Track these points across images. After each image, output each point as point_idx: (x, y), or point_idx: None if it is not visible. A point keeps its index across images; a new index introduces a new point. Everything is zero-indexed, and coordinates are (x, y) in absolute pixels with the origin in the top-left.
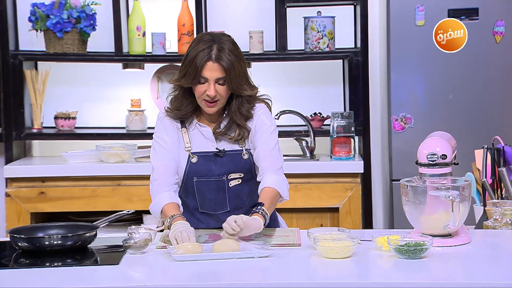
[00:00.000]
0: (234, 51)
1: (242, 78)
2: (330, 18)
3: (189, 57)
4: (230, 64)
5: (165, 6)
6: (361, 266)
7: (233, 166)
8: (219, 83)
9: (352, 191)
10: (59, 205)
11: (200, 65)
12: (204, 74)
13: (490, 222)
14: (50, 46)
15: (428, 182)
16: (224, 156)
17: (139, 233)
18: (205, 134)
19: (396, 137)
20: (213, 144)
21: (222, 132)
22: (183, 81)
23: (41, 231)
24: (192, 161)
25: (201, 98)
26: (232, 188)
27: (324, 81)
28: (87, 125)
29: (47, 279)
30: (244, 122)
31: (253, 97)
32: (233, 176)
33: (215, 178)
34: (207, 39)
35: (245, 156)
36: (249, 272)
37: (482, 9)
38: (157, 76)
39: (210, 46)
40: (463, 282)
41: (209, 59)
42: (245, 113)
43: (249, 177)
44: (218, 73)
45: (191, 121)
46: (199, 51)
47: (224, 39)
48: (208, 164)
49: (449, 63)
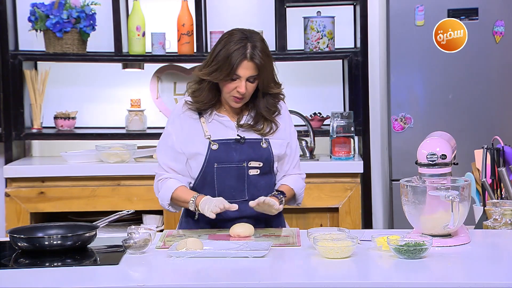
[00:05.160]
0: (265, 49)
1: (271, 76)
2: (330, 18)
3: (221, 54)
4: (263, 62)
5: (165, 6)
6: (361, 266)
7: (253, 153)
8: (249, 81)
9: (352, 191)
10: (58, 205)
11: (235, 63)
12: (239, 72)
13: (489, 222)
14: (49, 46)
15: (427, 182)
16: (244, 143)
17: (139, 233)
18: (225, 123)
19: (396, 137)
20: (234, 132)
21: (249, 125)
22: (213, 76)
23: (41, 231)
24: (213, 148)
25: (230, 93)
26: (251, 176)
27: (324, 81)
28: (87, 125)
29: (47, 279)
30: (272, 116)
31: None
32: (253, 165)
33: (235, 164)
34: (239, 37)
35: (264, 145)
36: (248, 272)
37: (481, 9)
38: (157, 76)
39: (244, 45)
40: (463, 282)
41: (245, 58)
42: (272, 108)
43: (267, 169)
44: (252, 71)
45: (210, 112)
46: (234, 49)
47: (256, 38)
48: (228, 150)
49: (449, 63)
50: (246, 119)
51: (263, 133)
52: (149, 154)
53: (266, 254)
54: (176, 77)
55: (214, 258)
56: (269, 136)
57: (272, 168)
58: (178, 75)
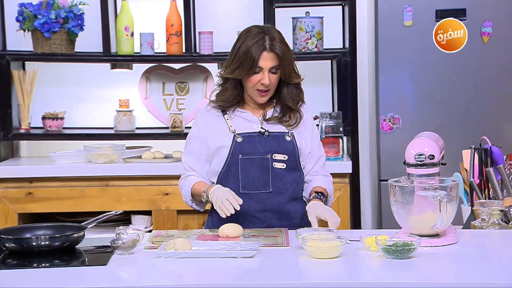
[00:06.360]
0: (284, 40)
1: (292, 66)
2: (319, 19)
3: (241, 50)
4: (282, 52)
5: (153, 6)
6: (349, 266)
7: (277, 146)
8: (272, 72)
9: (341, 191)
10: (47, 205)
11: (256, 55)
12: (260, 64)
13: (477, 222)
14: (37, 46)
15: (416, 182)
16: (268, 136)
17: (127, 233)
18: (248, 118)
19: (384, 137)
20: (257, 125)
21: (276, 117)
22: (237, 73)
23: (29, 232)
24: (238, 141)
25: (254, 87)
26: (276, 169)
27: (313, 82)
28: (75, 126)
29: (35, 280)
30: (297, 106)
31: (300, 83)
32: (277, 157)
33: (260, 155)
34: (256, 32)
35: (288, 138)
36: (237, 273)
37: (469, 10)
38: (146, 76)
39: (262, 38)
40: (451, 281)
41: (264, 49)
42: (296, 97)
43: (293, 164)
44: (273, 61)
45: (233, 109)
46: (253, 43)
47: (272, 30)
48: (253, 143)
49: (437, 63)
50: (273, 113)
51: (290, 124)
52: (138, 155)
53: (255, 254)
54: (164, 77)
55: (202, 259)
56: (295, 128)
57: (299, 163)
58: (167, 75)
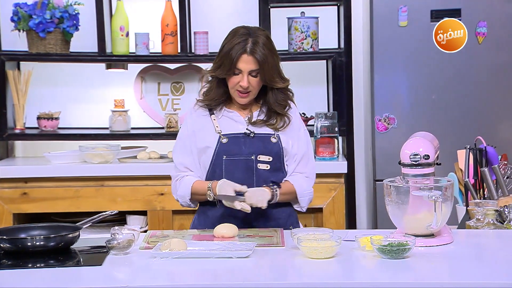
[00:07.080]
0: (268, 45)
1: (274, 71)
2: (314, 19)
3: (224, 49)
4: (263, 57)
5: (149, 7)
6: (345, 266)
7: (262, 147)
8: (252, 75)
9: (336, 191)
10: (42, 206)
11: (235, 57)
12: (239, 66)
13: (472, 222)
14: (32, 46)
15: (411, 182)
16: (254, 137)
17: (122, 233)
18: (235, 118)
19: (380, 137)
20: (243, 126)
21: (262, 120)
22: (218, 72)
23: (24, 232)
24: (223, 142)
25: (234, 88)
26: (260, 170)
27: (308, 82)
28: (70, 126)
29: (30, 280)
30: (283, 110)
31: (286, 88)
32: (262, 159)
33: (244, 157)
34: (242, 33)
35: (274, 140)
36: (232, 273)
37: (464, 10)
38: (141, 76)
39: (245, 40)
40: (446, 281)
41: (244, 52)
42: (282, 102)
43: (277, 166)
44: (252, 65)
45: (220, 109)
46: (235, 44)
47: (259, 33)
48: (237, 144)
49: (432, 64)
50: (258, 115)
51: (276, 127)
52: (133, 155)
53: (250, 254)
54: (160, 77)
55: (198, 259)
56: (282, 130)
57: (283, 164)
58: (162, 75)
